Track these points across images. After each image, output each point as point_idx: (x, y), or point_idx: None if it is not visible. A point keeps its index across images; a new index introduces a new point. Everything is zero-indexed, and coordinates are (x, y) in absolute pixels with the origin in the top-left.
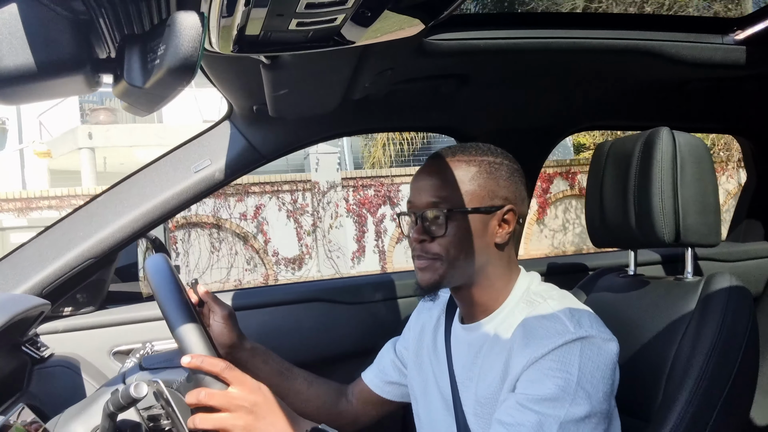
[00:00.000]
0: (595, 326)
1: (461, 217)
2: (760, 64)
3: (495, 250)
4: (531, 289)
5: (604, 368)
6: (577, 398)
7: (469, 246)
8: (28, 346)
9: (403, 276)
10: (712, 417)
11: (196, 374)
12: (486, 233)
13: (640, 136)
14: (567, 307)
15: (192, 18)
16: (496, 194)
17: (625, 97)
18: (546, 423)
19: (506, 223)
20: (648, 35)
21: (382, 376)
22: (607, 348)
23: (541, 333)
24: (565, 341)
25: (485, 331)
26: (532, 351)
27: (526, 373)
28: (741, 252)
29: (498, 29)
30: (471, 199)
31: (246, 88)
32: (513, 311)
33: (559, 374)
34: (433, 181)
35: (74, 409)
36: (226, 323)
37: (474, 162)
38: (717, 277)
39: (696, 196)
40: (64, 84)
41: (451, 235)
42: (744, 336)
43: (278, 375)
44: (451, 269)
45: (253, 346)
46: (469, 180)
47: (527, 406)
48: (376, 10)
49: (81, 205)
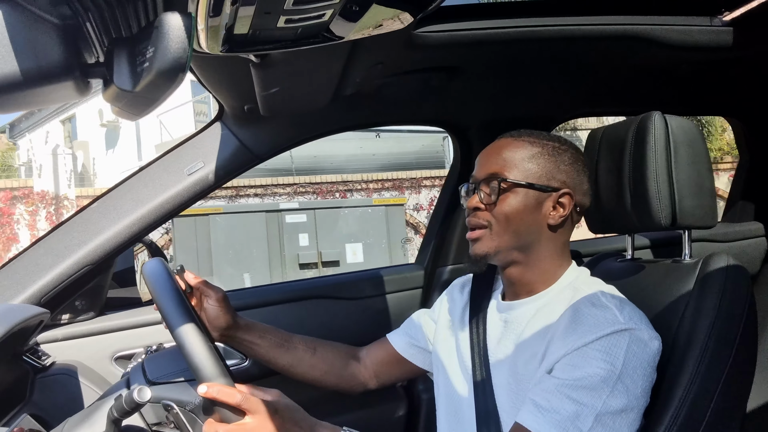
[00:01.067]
0: (643, 322)
1: (515, 189)
2: (748, 45)
3: (547, 230)
4: (580, 278)
5: (646, 365)
6: (616, 390)
7: (519, 220)
8: (29, 355)
9: (403, 270)
10: (714, 396)
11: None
12: (539, 212)
13: (633, 122)
14: (618, 299)
15: (179, 19)
16: (554, 176)
17: (616, 83)
18: (582, 413)
19: (561, 206)
20: (637, 20)
21: (408, 339)
22: (651, 345)
23: (590, 320)
24: (614, 330)
25: (526, 310)
26: (580, 336)
27: (568, 357)
28: (737, 232)
29: (487, 19)
30: (527, 176)
31: (236, 88)
32: (558, 296)
33: (602, 363)
34: (496, 156)
35: (78, 416)
36: (221, 305)
37: (538, 143)
38: (714, 257)
39: (691, 178)
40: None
41: (502, 204)
42: (742, 315)
43: (278, 347)
44: (500, 241)
45: (247, 323)
46: (530, 158)
47: (565, 392)
48: (364, 5)
49: (76, 212)
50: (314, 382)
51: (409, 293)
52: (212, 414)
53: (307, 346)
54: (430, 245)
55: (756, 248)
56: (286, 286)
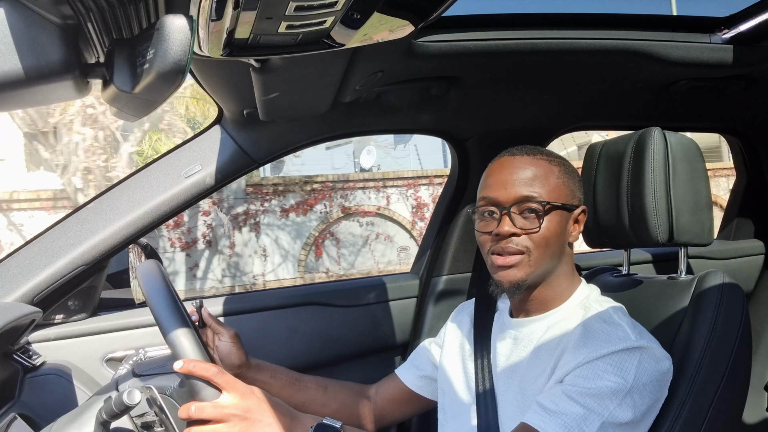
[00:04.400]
0: (653, 340)
1: (553, 212)
2: (747, 63)
3: (568, 249)
4: (591, 297)
5: (656, 382)
6: (624, 404)
7: (555, 242)
8: (20, 354)
9: (399, 278)
10: (706, 414)
11: (189, 380)
12: (565, 231)
13: (632, 137)
14: (628, 318)
15: (181, 21)
16: (575, 194)
17: (614, 97)
18: (589, 418)
19: (577, 223)
20: (636, 35)
21: (416, 371)
22: (662, 364)
23: (602, 336)
24: (626, 347)
25: (537, 327)
26: (590, 351)
27: (579, 370)
28: (732, 250)
29: (487, 30)
30: (559, 196)
31: (236, 91)
32: (570, 314)
33: (613, 377)
34: (522, 175)
35: (67, 417)
36: (233, 342)
37: (555, 161)
38: (709, 275)
39: (688, 195)
40: (52, 89)
41: (544, 228)
42: (736, 333)
43: (290, 386)
44: (536, 267)
45: (258, 363)
46: (556, 177)
47: (574, 397)
48: (366, 13)
49: (71, 211)
50: None
51: (404, 302)
52: (191, 392)
53: (318, 385)
54: (426, 254)
55: (751, 266)
56: (281, 292)
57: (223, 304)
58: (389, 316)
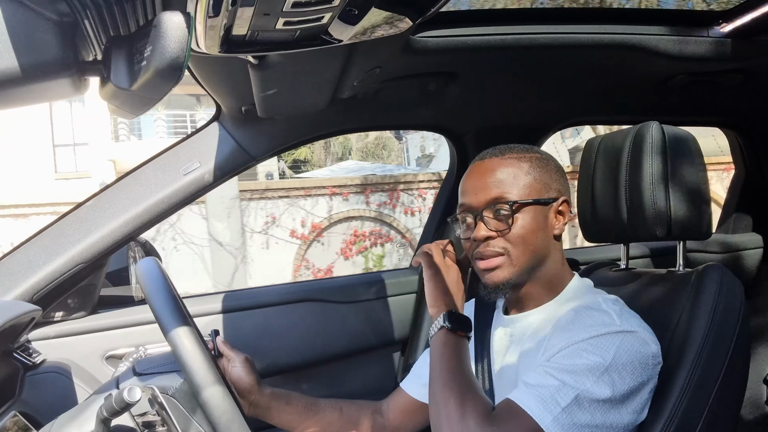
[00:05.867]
0: (642, 327)
1: (524, 209)
2: (745, 57)
3: (554, 242)
4: (583, 289)
5: (638, 364)
6: (601, 381)
7: (534, 238)
8: (20, 352)
9: (396, 274)
10: (706, 406)
11: (189, 379)
12: (547, 225)
13: (630, 131)
14: (619, 307)
15: (178, 18)
16: (551, 186)
17: (612, 92)
18: (563, 390)
19: (561, 215)
20: (634, 29)
21: (418, 380)
22: (646, 347)
23: (587, 321)
24: (608, 332)
25: (531, 321)
26: (574, 335)
27: (562, 352)
28: (731, 244)
29: (485, 26)
30: (530, 192)
31: (234, 88)
32: (562, 306)
33: (591, 356)
34: (490, 179)
35: (67, 415)
36: (245, 367)
37: (524, 158)
38: (708, 269)
39: (687, 189)
40: (49, 87)
41: (517, 227)
42: (735, 327)
43: (306, 411)
44: (519, 265)
45: (273, 390)
46: (525, 174)
47: (551, 373)
48: (363, 9)
49: (70, 209)
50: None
51: (403, 298)
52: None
53: (333, 408)
54: None
55: (749, 260)
56: (280, 289)
57: (222, 301)
58: (388, 312)
